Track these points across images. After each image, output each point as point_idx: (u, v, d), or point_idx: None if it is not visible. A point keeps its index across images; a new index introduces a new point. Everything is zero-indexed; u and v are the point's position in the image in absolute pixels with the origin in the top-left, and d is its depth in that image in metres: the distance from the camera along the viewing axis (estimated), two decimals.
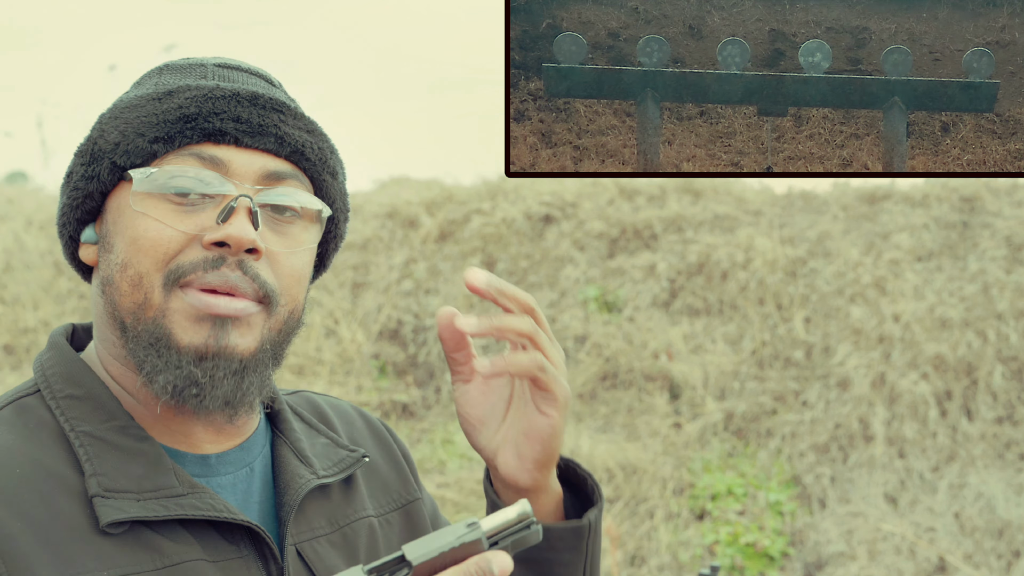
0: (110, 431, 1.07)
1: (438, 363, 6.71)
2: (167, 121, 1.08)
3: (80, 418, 1.07)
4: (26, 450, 1.05)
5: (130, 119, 1.09)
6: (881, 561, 5.29)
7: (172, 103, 1.09)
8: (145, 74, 1.17)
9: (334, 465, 1.20)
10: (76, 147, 1.14)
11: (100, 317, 1.12)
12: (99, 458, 1.05)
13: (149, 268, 1.06)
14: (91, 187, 1.11)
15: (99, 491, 1.03)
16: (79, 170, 1.12)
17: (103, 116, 1.12)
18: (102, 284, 1.10)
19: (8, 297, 7.10)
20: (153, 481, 1.05)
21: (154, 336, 1.06)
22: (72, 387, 1.09)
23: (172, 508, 1.04)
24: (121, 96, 1.15)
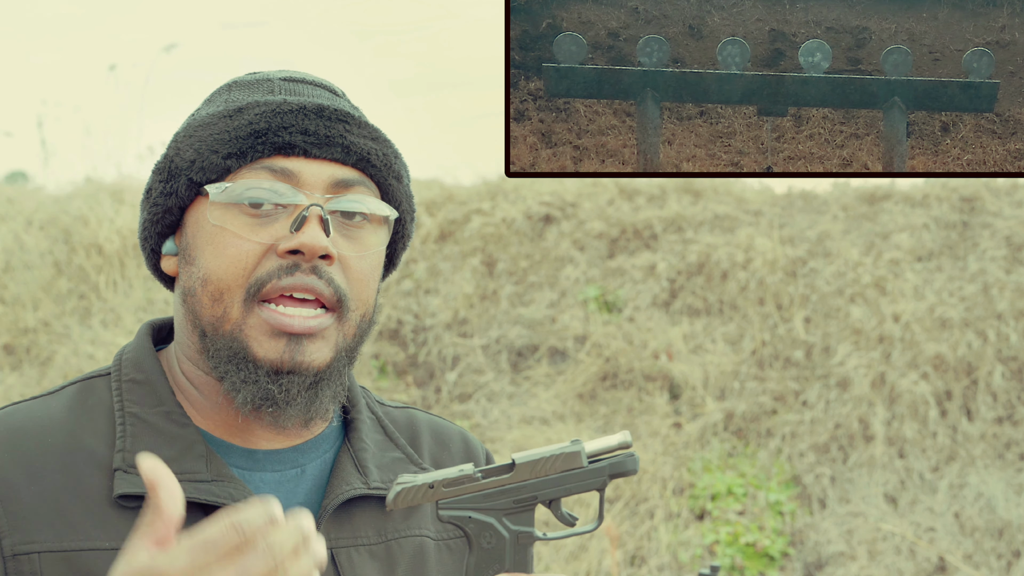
0: (155, 415, 1.14)
1: (438, 363, 6.71)
2: (239, 137, 1.13)
3: (133, 400, 1.15)
4: (69, 424, 1.13)
5: (204, 137, 1.14)
6: (881, 561, 5.29)
7: (243, 119, 1.14)
8: (215, 91, 1.22)
9: (388, 476, 1.22)
10: (154, 165, 1.20)
11: (181, 323, 1.18)
12: (135, 437, 1.12)
13: (230, 283, 1.12)
14: (170, 203, 1.16)
15: (122, 465, 1.10)
16: (157, 187, 1.17)
17: (178, 135, 1.18)
18: (184, 294, 1.16)
19: (8, 297, 7.09)
20: (180, 464, 1.10)
21: (232, 349, 1.13)
22: (136, 372, 1.17)
23: (190, 491, 1.05)
24: (193, 114, 1.20)
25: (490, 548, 1.05)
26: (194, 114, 1.21)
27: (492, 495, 1.05)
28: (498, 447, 6.12)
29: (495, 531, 1.05)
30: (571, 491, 1.06)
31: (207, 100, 1.22)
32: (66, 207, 7.56)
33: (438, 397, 6.62)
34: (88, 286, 7.17)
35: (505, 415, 6.31)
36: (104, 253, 7.29)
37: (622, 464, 1.05)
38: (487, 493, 1.05)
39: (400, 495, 1.05)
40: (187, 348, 1.18)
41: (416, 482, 1.05)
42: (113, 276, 7.24)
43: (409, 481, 1.06)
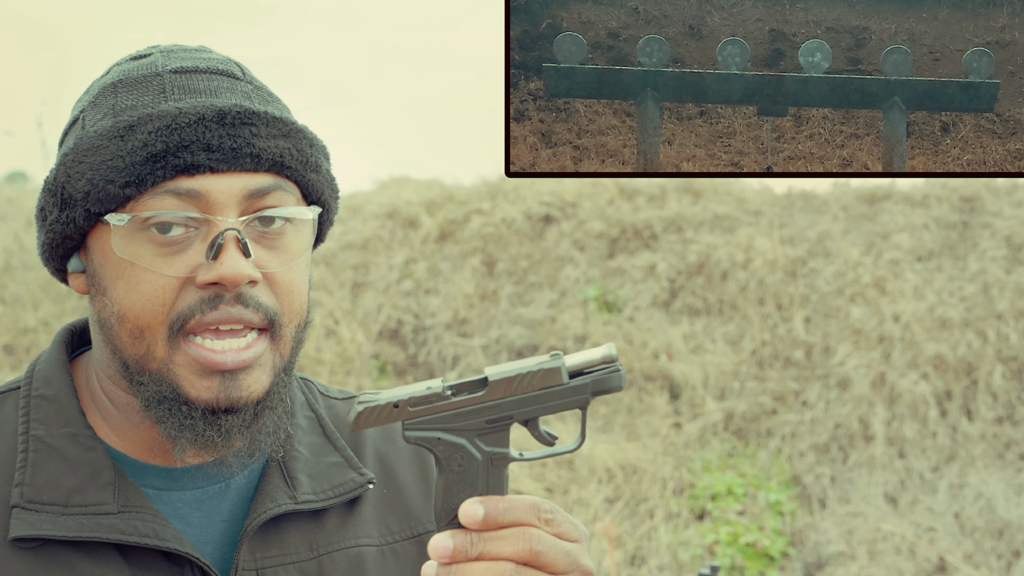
0: (61, 437, 1.06)
1: (438, 363, 6.71)
2: (135, 163, 1.01)
3: (39, 420, 1.08)
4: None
5: (96, 164, 1.02)
6: (881, 561, 5.29)
7: (136, 141, 1.01)
8: (100, 90, 1.08)
9: (332, 488, 1.14)
10: (44, 181, 1.09)
11: (99, 345, 1.09)
12: (36, 467, 1.04)
13: (149, 321, 1.03)
14: (68, 230, 1.06)
15: (20, 502, 1.01)
16: (53, 211, 1.06)
17: (67, 156, 1.05)
18: (100, 324, 1.07)
19: (8, 297, 7.10)
20: (84, 496, 1.02)
21: (162, 392, 1.04)
22: (45, 387, 1.10)
23: (91, 528, 1.00)
24: (81, 121, 1.08)
25: (461, 471, 0.96)
26: (82, 121, 1.07)
27: (463, 414, 0.96)
28: None
29: (467, 453, 0.96)
30: (550, 410, 0.97)
31: (92, 102, 1.08)
32: None
33: None
34: None
35: None
36: None
37: (606, 381, 0.97)
38: (458, 412, 0.96)
39: (362, 416, 0.95)
40: (107, 368, 1.09)
41: (379, 401, 0.96)
42: None
43: (371, 400, 0.96)
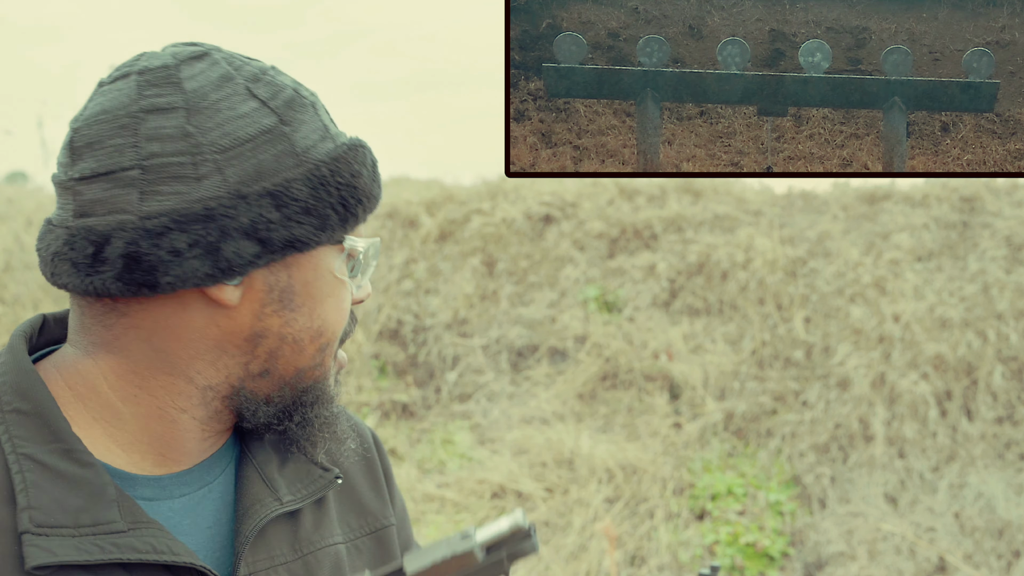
0: (52, 454, 0.99)
1: (438, 363, 6.71)
2: (367, 198, 1.07)
3: (23, 437, 1.00)
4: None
5: (303, 197, 1.02)
6: (881, 561, 5.29)
7: (366, 176, 1.06)
8: (288, 100, 1.05)
9: (304, 488, 1.14)
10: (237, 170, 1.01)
11: (192, 350, 1.04)
12: (36, 488, 0.98)
13: (337, 334, 1.09)
14: (287, 251, 1.03)
15: (30, 527, 0.96)
16: (273, 214, 1.01)
17: (296, 173, 1.02)
18: (256, 335, 1.04)
19: (8, 297, 7.10)
20: (92, 515, 0.99)
21: (316, 395, 1.09)
22: (20, 400, 1.01)
23: (108, 549, 0.97)
24: (290, 143, 1.03)
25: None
26: (288, 133, 1.03)
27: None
28: (498, 447, 6.12)
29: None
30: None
31: (288, 105, 1.04)
32: None
33: (438, 397, 6.62)
34: None
35: (505, 415, 6.31)
36: None
37: (520, 551, 0.99)
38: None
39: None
40: (191, 379, 1.05)
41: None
42: None
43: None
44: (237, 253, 0.99)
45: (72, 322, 1.06)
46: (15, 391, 1.02)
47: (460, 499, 5.87)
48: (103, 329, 1.03)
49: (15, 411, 1.01)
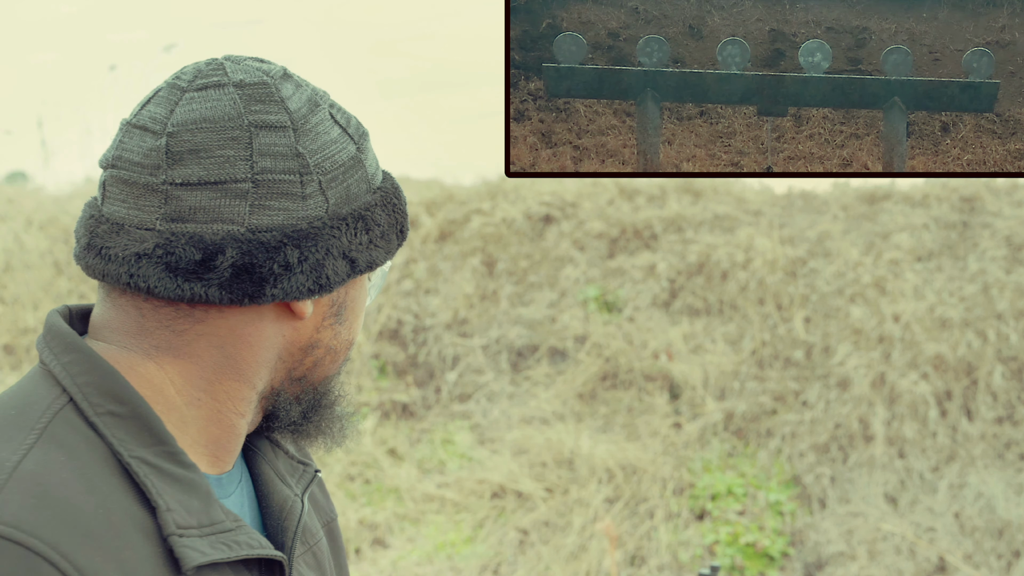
0: (159, 457, 1.00)
1: (438, 363, 6.71)
2: (403, 230, 1.13)
3: (127, 441, 0.99)
4: (92, 480, 0.96)
5: (386, 227, 1.10)
6: (881, 561, 5.29)
7: (401, 209, 1.13)
8: (357, 127, 1.11)
9: (298, 483, 1.18)
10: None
11: (264, 363, 1.08)
12: (164, 491, 0.99)
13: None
14: (363, 272, 1.10)
15: (174, 530, 0.97)
16: (363, 241, 1.08)
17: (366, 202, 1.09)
18: (311, 346, 1.09)
19: (8, 297, 7.10)
20: (208, 515, 1.01)
21: (332, 398, 1.14)
22: (112, 403, 1.00)
23: (233, 547, 1.01)
24: (364, 169, 1.10)
25: None
26: (363, 161, 1.10)
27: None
28: (498, 447, 6.12)
29: None
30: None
31: (359, 139, 1.10)
32: (66, 207, 7.56)
33: (438, 397, 6.62)
34: (88, 286, 7.17)
35: (505, 415, 6.31)
36: None
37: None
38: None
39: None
40: (254, 385, 1.08)
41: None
42: None
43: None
44: (335, 271, 1.05)
45: (120, 323, 1.05)
46: (103, 393, 1.00)
47: (460, 499, 5.87)
48: (172, 334, 1.03)
49: (110, 414, 1.00)
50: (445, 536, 5.73)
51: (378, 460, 6.19)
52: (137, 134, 1.03)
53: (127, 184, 1.02)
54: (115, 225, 1.02)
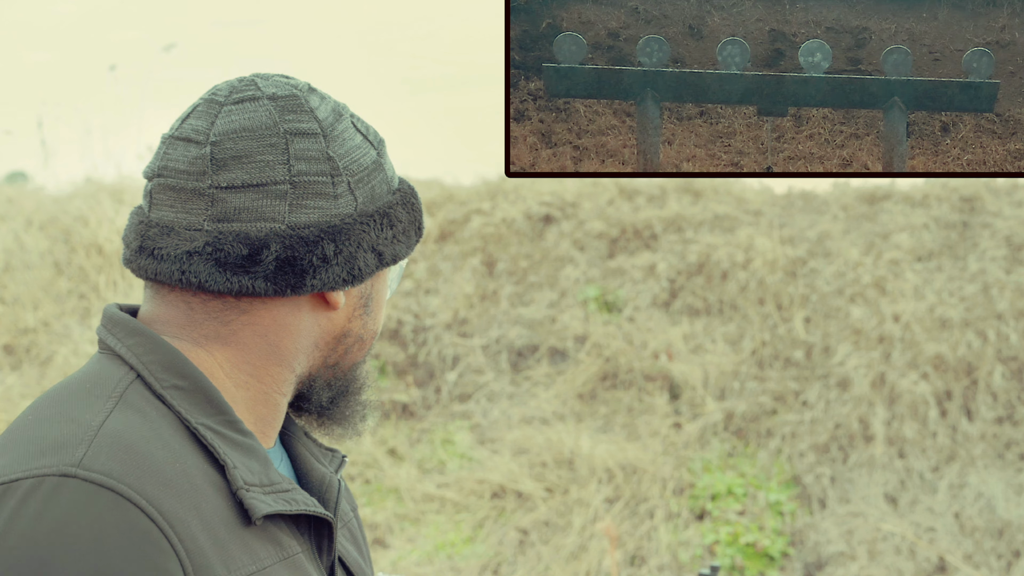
0: (221, 425, 1.11)
1: (438, 363, 6.71)
2: (417, 230, 1.25)
3: (192, 410, 1.10)
4: (167, 439, 1.07)
5: (402, 230, 1.21)
6: (881, 561, 5.29)
7: (419, 210, 1.25)
8: (378, 141, 1.23)
9: (330, 464, 1.28)
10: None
11: (304, 348, 1.19)
12: (228, 452, 1.10)
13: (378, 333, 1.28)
14: (388, 265, 1.21)
15: (242, 485, 1.08)
16: (388, 236, 1.19)
17: (390, 205, 1.20)
18: (343, 335, 1.21)
19: (8, 297, 7.10)
20: (268, 476, 1.12)
21: (360, 384, 1.25)
22: (176, 378, 1.11)
23: (292, 504, 1.12)
24: (385, 173, 1.21)
25: None
26: (384, 166, 1.22)
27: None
28: (498, 447, 6.12)
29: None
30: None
31: (379, 148, 1.22)
32: (66, 207, 7.56)
33: (438, 397, 6.62)
34: (88, 286, 7.17)
35: (505, 415, 6.31)
36: (104, 253, 7.29)
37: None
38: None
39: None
40: (293, 369, 1.19)
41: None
42: (113, 276, 7.25)
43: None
44: (365, 263, 1.17)
45: (170, 317, 1.15)
46: (168, 370, 1.11)
47: (460, 499, 5.87)
48: (220, 324, 1.14)
49: (174, 387, 1.10)
50: (445, 536, 5.73)
51: (378, 460, 6.19)
52: (181, 145, 1.13)
53: (174, 190, 1.12)
54: (165, 228, 1.12)
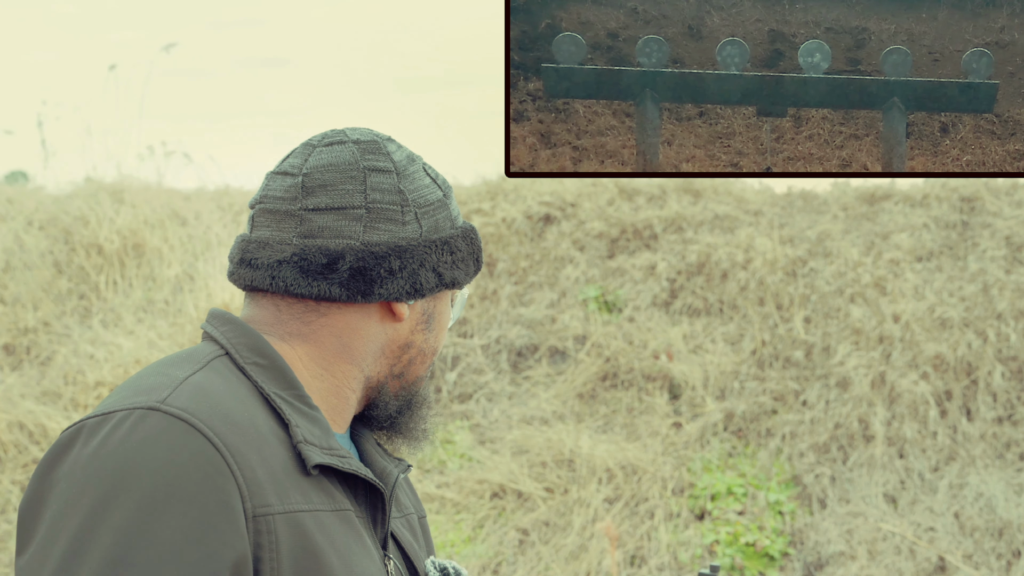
0: (291, 397, 1.31)
1: (438, 363, 6.71)
2: (478, 261, 1.45)
3: (268, 382, 1.30)
4: (241, 397, 1.27)
5: (465, 254, 1.42)
6: (881, 561, 5.29)
7: (478, 245, 1.44)
8: (445, 186, 1.43)
9: (395, 466, 1.45)
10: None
11: (374, 355, 1.39)
12: (294, 416, 1.29)
13: (440, 352, 1.46)
14: (447, 287, 1.40)
15: (302, 439, 1.27)
16: (447, 262, 1.39)
17: (451, 237, 1.41)
18: (406, 346, 1.40)
19: (8, 297, 7.10)
20: (327, 441, 1.30)
21: (420, 399, 1.45)
22: (257, 356, 1.32)
23: (346, 464, 1.30)
24: (450, 211, 1.42)
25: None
26: (448, 205, 1.42)
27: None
28: (498, 447, 6.12)
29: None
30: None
31: (444, 194, 1.42)
32: (66, 207, 7.56)
33: (438, 397, 6.62)
34: (88, 286, 7.17)
35: (505, 415, 6.32)
36: (104, 253, 7.29)
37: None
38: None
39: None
40: (362, 369, 1.38)
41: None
42: (113, 276, 7.25)
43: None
44: (427, 280, 1.37)
45: (261, 317, 1.36)
46: (251, 350, 1.32)
47: (460, 499, 5.87)
48: (301, 324, 1.35)
49: (255, 364, 1.31)
50: (445, 536, 5.73)
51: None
52: (279, 179, 1.36)
53: (271, 213, 1.35)
54: (261, 243, 1.35)
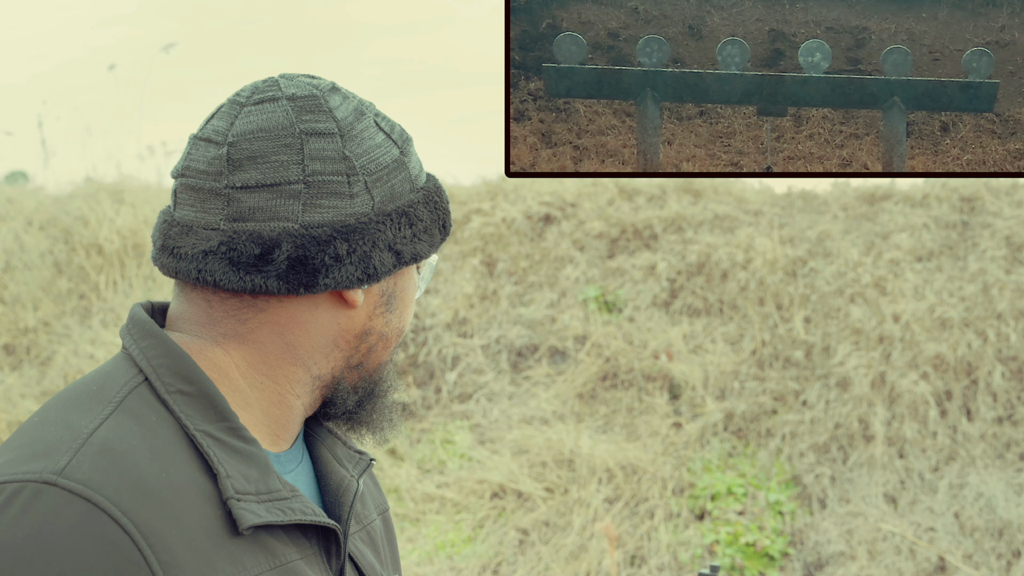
0: (222, 432, 1.11)
1: (438, 363, 6.71)
2: (449, 223, 1.24)
3: (194, 416, 1.10)
4: (156, 449, 1.07)
5: (428, 223, 1.21)
6: (881, 561, 5.29)
7: (444, 208, 1.23)
8: (405, 138, 1.22)
9: (354, 468, 1.28)
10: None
11: (322, 348, 1.18)
12: (225, 460, 1.09)
13: (406, 333, 1.26)
14: (409, 264, 1.20)
15: (233, 494, 1.08)
16: (407, 235, 1.18)
17: (413, 202, 1.19)
18: (365, 333, 1.20)
19: (8, 297, 7.10)
20: (266, 484, 1.11)
21: (383, 387, 1.24)
22: (182, 383, 1.11)
23: (288, 513, 1.11)
24: (408, 172, 1.20)
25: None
26: (407, 166, 1.20)
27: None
28: (498, 447, 6.12)
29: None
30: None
31: (404, 145, 1.21)
32: (66, 207, 7.56)
33: (438, 397, 6.62)
34: (88, 286, 7.17)
35: (505, 415, 6.32)
36: (104, 253, 7.29)
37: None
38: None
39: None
40: (309, 369, 1.18)
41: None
42: (113, 276, 7.25)
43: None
44: (382, 262, 1.16)
45: (192, 315, 1.16)
46: (175, 374, 1.12)
47: (460, 499, 5.87)
48: (237, 323, 1.15)
49: (180, 392, 1.11)
50: (445, 536, 5.73)
51: (378, 460, 6.19)
52: (202, 146, 1.14)
53: (194, 190, 1.13)
54: (185, 227, 1.14)
